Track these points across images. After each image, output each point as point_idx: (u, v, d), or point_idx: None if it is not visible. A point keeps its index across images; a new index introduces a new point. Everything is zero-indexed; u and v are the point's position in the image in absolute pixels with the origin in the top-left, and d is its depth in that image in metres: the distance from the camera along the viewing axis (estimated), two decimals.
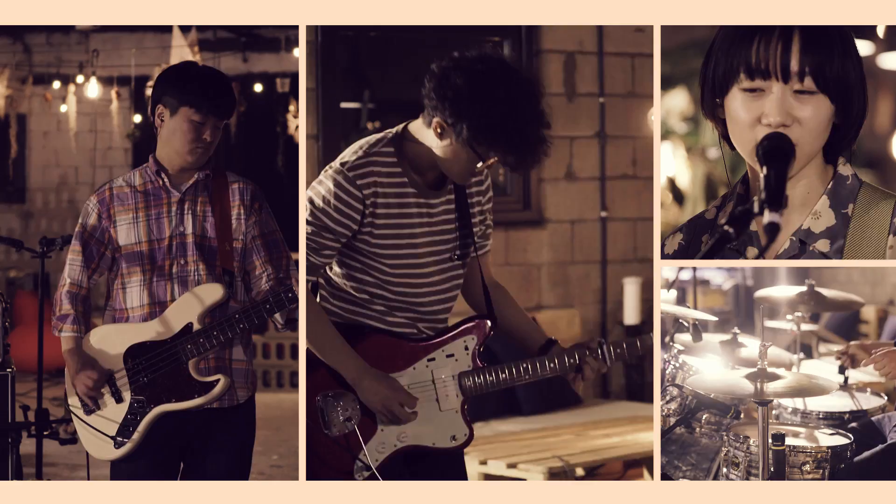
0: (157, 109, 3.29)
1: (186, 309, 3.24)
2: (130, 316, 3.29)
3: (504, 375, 3.09)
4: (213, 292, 3.25)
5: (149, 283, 3.27)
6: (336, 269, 3.09)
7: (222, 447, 3.31)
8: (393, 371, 3.05)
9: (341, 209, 2.97)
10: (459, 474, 3.22)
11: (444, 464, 3.16)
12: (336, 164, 3.01)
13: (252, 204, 3.31)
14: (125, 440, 3.25)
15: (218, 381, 3.24)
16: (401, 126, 3.07)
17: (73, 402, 3.32)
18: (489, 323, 3.14)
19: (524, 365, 3.10)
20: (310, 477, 3.06)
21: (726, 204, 2.76)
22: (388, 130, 3.08)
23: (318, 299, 3.13)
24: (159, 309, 3.27)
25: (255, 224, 3.31)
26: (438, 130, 2.93)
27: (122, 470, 3.30)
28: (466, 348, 3.11)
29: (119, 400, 3.27)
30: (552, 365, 3.12)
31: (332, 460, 3.03)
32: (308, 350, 3.05)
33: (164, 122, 3.28)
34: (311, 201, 2.99)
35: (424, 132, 3.00)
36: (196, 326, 3.23)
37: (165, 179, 3.30)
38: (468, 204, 3.13)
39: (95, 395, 3.27)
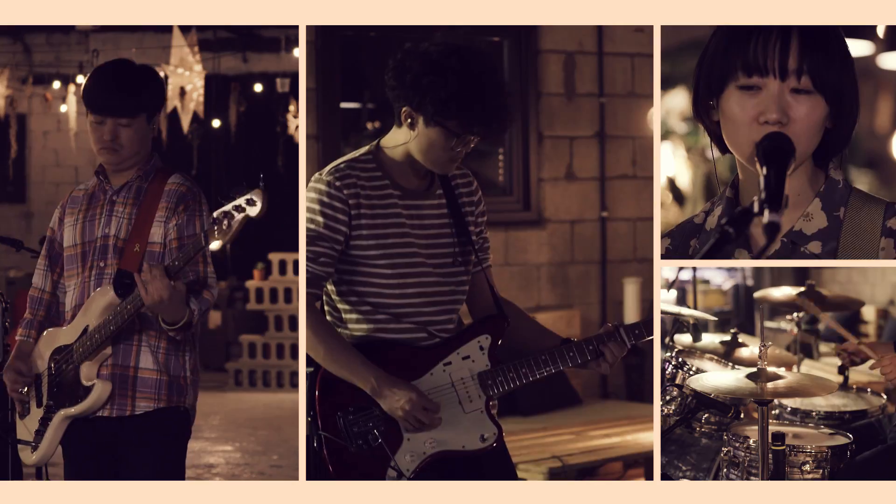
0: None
1: (87, 312, 3.19)
2: (67, 319, 3.27)
3: (524, 370, 3.05)
4: (104, 295, 3.17)
5: (78, 285, 3.24)
6: (338, 288, 3.06)
7: (126, 458, 3.21)
8: (410, 379, 3.01)
9: (328, 213, 2.97)
10: (507, 472, 3.17)
11: (489, 464, 3.10)
12: (316, 175, 3.05)
13: (177, 206, 3.20)
14: (37, 445, 3.24)
15: (93, 386, 3.16)
16: (374, 142, 3.12)
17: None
18: (502, 321, 3.12)
19: (543, 357, 3.06)
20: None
21: (714, 208, 2.75)
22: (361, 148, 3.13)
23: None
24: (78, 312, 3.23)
25: (174, 227, 3.18)
26: (408, 120, 2.97)
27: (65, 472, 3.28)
28: (482, 348, 3.07)
29: (39, 403, 3.27)
30: (571, 354, 3.08)
31: (363, 468, 2.98)
32: (324, 371, 3.00)
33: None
34: None
35: (397, 135, 3.04)
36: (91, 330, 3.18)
37: (104, 181, 3.27)
38: (459, 205, 3.12)
39: (17, 395, 3.29)
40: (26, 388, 3.29)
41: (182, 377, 3.22)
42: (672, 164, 6.03)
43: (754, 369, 3.41)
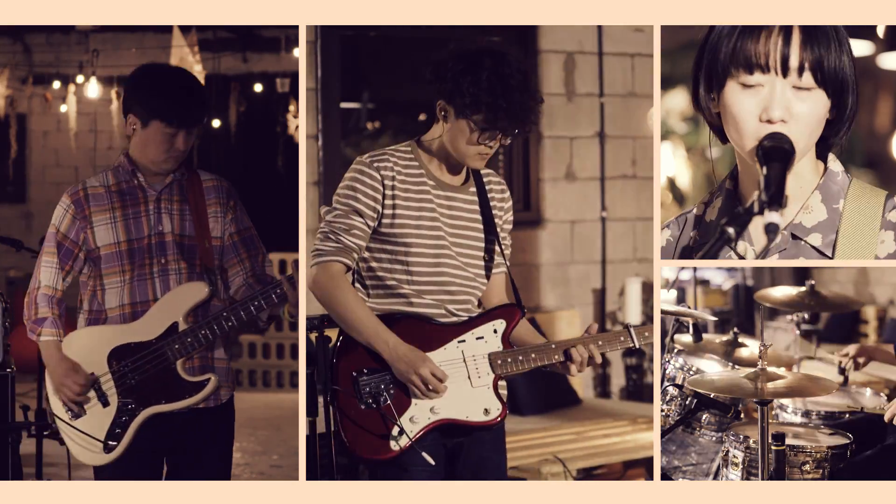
0: (129, 118, 3.26)
1: (171, 308, 3.22)
2: (109, 317, 3.25)
3: (534, 356, 3.19)
4: (197, 291, 3.24)
5: (129, 283, 3.24)
6: (369, 263, 3.20)
7: (207, 447, 3.32)
8: (424, 350, 3.14)
9: (364, 191, 3.14)
10: (499, 451, 3.28)
11: (484, 440, 3.21)
12: (358, 157, 3.21)
13: (228, 201, 3.35)
14: (115, 443, 3.21)
15: (208, 380, 3.25)
16: (415, 138, 3.28)
17: (58, 408, 3.26)
18: (518, 310, 3.24)
19: (553, 346, 3.20)
20: (346, 446, 3.09)
21: (714, 200, 2.77)
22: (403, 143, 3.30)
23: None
24: (141, 309, 3.23)
25: (231, 221, 3.35)
26: (442, 113, 3.16)
27: (106, 473, 3.25)
28: (496, 331, 3.21)
29: (105, 403, 3.23)
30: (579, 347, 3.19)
31: (369, 425, 3.09)
32: (345, 335, 3.15)
33: (136, 131, 3.25)
34: (338, 192, 3.17)
35: (435, 130, 3.21)
36: (182, 326, 3.21)
37: (141, 178, 3.29)
38: (491, 206, 3.29)
39: (82, 399, 3.23)
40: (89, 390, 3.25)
41: (230, 362, 3.37)
42: (672, 164, 6.03)
43: (754, 369, 3.41)
